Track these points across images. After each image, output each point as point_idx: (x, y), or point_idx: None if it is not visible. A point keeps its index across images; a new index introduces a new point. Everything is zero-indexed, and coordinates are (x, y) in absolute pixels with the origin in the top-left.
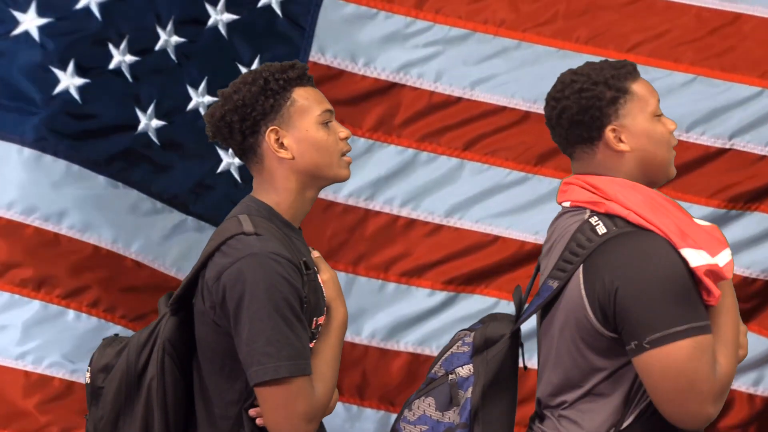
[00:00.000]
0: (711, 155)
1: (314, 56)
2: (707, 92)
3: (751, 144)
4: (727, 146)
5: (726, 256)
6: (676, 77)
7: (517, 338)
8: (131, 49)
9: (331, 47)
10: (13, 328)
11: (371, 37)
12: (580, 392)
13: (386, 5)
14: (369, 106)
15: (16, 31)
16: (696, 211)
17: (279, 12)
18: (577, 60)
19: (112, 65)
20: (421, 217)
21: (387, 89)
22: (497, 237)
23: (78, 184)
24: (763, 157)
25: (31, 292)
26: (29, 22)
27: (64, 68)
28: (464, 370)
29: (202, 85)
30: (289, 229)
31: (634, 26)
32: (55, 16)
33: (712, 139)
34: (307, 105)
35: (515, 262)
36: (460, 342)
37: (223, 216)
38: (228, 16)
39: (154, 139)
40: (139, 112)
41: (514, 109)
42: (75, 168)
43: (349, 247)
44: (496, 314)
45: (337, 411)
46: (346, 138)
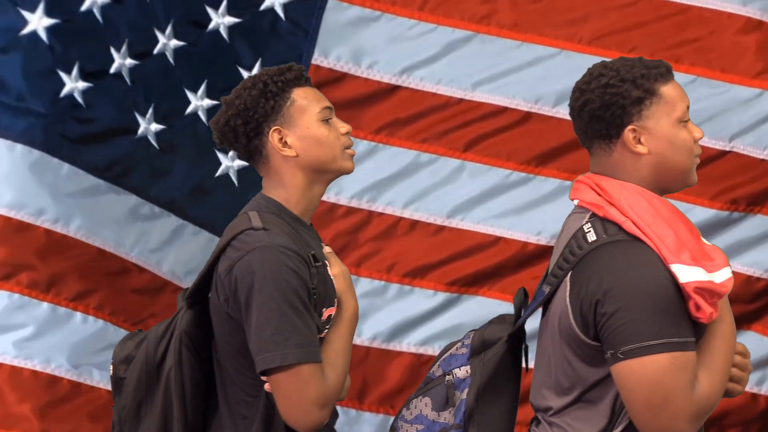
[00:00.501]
0: (712, 157)
1: (317, 59)
2: (708, 93)
3: (750, 147)
4: (727, 148)
5: (724, 274)
6: (679, 78)
7: (518, 340)
8: (131, 53)
9: (333, 50)
10: (23, 329)
11: (374, 40)
12: (568, 399)
13: (390, 7)
14: (372, 109)
15: (25, 31)
16: (698, 213)
17: (282, 15)
18: (578, 60)
19: (112, 69)
20: (424, 219)
21: (389, 91)
22: (499, 238)
23: (82, 187)
24: (762, 161)
25: (40, 294)
26: (37, 22)
27: (69, 71)
28: (461, 372)
29: (202, 88)
30: (299, 224)
31: (637, 27)
32: (62, 18)
33: (713, 141)
34: (307, 104)
35: (518, 263)
36: (459, 343)
37: (220, 220)
38: (229, 19)
39: (153, 142)
40: (138, 116)
41: (515, 110)
42: (79, 172)
43: (351, 249)
44: (505, 315)
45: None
46: (347, 133)
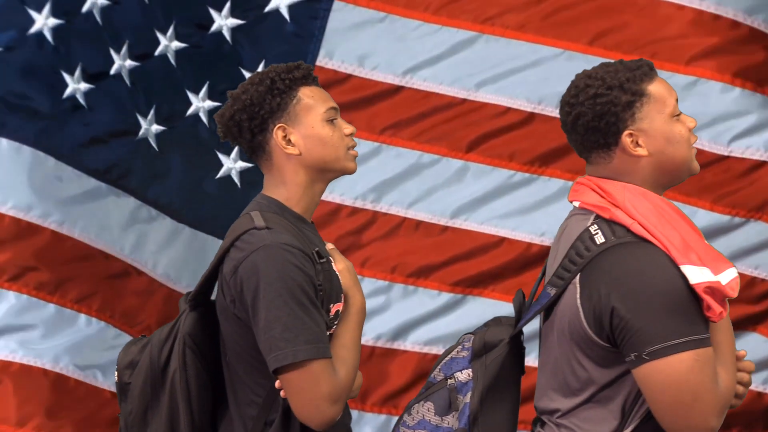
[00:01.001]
0: (713, 161)
1: (321, 60)
2: (710, 95)
3: (750, 149)
4: (725, 153)
5: (730, 274)
6: (678, 79)
7: (518, 343)
8: (131, 55)
9: (338, 51)
10: (32, 329)
11: (378, 41)
12: (577, 401)
13: (394, 8)
14: (376, 109)
15: (32, 30)
16: (702, 216)
17: (287, 16)
18: (581, 61)
19: (112, 70)
20: (428, 219)
21: (393, 92)
22: (503, 238)
23: (84, 190)
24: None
25: (47, 295)
26: (42, 21)
27: (72, 72)
28: (463, 375)
29: (204, 89)
30: (301, 222)
31: (640, 28)
32: (66, 19)
33: (714, 144)
34: (313, 103)
35: (522, 264)
36: (460, 347)
37: (222, 222)
38: (233, 20)
39: (154, 144)
40: (139, 118)
41: (518, 111)
42: (81, 174)
43: (356, 249)
44: (501, 318)
45: None
46: (351, 134)
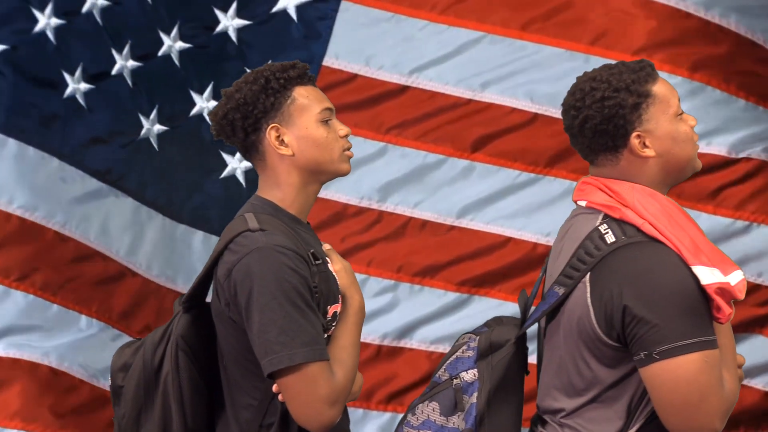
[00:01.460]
0: (719, 165)
1: (328, 61)
2: (711, 99)
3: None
4: (733, 155)
5: (738, 275)
6: (674, 80)
7: (523, 343)
8: (133, 55)
9: (345, 51)
10: (38, 329)
11: (385, 41)
12: (582, 400)
13: (401, 8)
14: (382, 109)
15: (36, 30)
16: (705, 220)
17: (294, 17)
18: (581, 61)
19: (114, 71)
20: (434, 219)
21: (399, 92)
22: (509, 238)
23: (86, 191)
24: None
25: (50, 296)
26: (45, 21)
27: (73, 72)
28: (469, 375)
29: (208, 90)
30: (295, 223)
31: (643, 31)
32: (67, 19)
33: (718, 148)
34: (307, 103)
35: (528, 264)
36: (465, 346)
37: (225, 223)
38: (239, 21)
39: (155, 144)
40: (141, 118)
41: (523, 111)
42: (84, 175)
43: (362, 248)
44: (501, 317)
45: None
46: (345, 135)
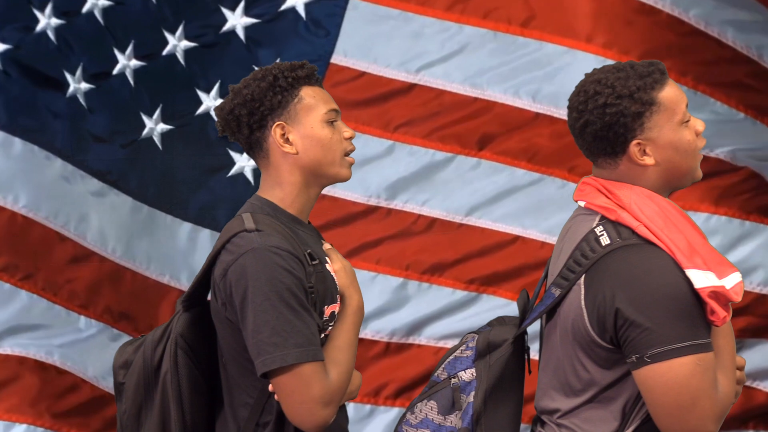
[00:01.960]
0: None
1: (336, 58)
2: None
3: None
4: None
5: (735, 278)
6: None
7: (522, 343)
8: (136, 54)
9: (353, 49)
10: (41, 328)
11: (393, 39)
12: (578, 401)
13: (408, 6)
14: (390, 107)
15: (37, 29)
16: (713, 223)
17: (303, 15)
18: (591, 61)
19: (116, 70)
20: (442, 216)
21: (407, 90)
22: (517, 237)
23: (87, 190)
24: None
25: (52, 296)
26: (46, 21)
27: (74, 72)
28: (467, 374)
29: (215, 88)
30: (295, 223)
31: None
32: (66, 19)
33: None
34: (314, 103)
35: (536, 263)
36: (464, 346)
37: (228, 221)
38: (247, 19)
39: (158, 143)
40: (144, 117)
41: (529, 110)
42: (85, 175)
43: (371, 246)
44: (504, 317)
45: (348, 410)
46: (350, 138)
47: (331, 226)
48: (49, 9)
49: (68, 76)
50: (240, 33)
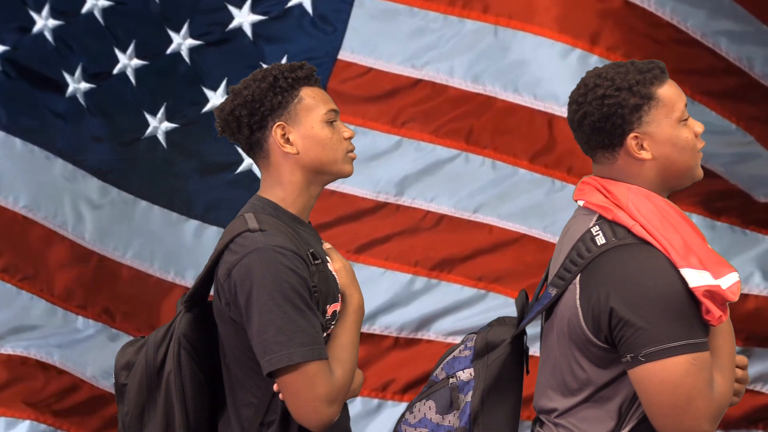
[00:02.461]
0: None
1: (343, 54)
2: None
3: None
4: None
5: (731, 278)
6: None
7: (520, 343)
8: (139, 54)
9: (360, 45)
10: (40, 328)
11: (399, 34)
12: (575, 400)
13: (415, 1)
14: (397, 103)
15: (33, 31)
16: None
17: (310, 11)
18: (595, 60)
19: (116, 70)
20: (450, 213)
21: (413, 85)
22: (523, 235)
23: (88, 190)
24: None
25: (51, 297)
26: (43, 23)
27: (72, 73)
28: (465, 374)
29: (222, 86)
30: (296, 222)
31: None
32: (65, 20)
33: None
34: (314, 103)
35: (543, 262)
36: (462, 346)
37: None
38: (254, 17)
39: (163, 142)
40: (147, 116)
41: (534, 109)
42: (86, 174)
43: (380, 242)
44: (505, 318)
45: (356, 404)
46: (349, 138)
47: (340, 222)
48: (45, 10)
49: (67, 77)
50: (247, 30)
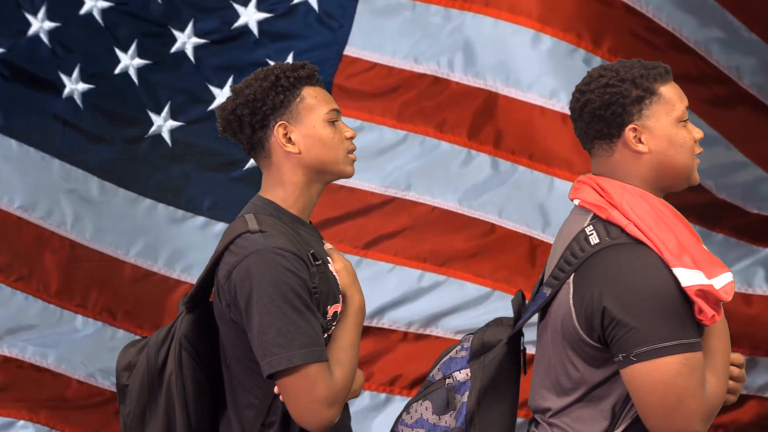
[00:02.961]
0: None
1: (349, 50)
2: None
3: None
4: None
5: (725, 278)
6: None
7: (517, 343)
8: (141, 54)
9: (365, 40)
10: (35, 329)
11: (404, 29)
12: (569, 400)
13: None
14: (403, 98)
15: (29, 33)
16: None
17: (316, 7)
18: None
19: (117, 70)
20: (456, 209)
21: (416, 79)
22: (530, 238)
23: (86, 189)
24: None
25: (47, 296)
26: (39, 25)
27: (70, 74)
28: (461, 375)
29: (228, 84)
30: (297, 223)
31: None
32: (62, 21)
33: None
34: (316, 103)
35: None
36: (459, 346)
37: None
38: (259, 14)
39: (168, 140)
40: (151, 114)
41: (540, 107)
42: (87, 174)
43: (389, 237)
44: (501, 318)
45: (363, 398)
46: (351, 138)
47: (348, 218)
48: (42, 13)
49: (64, 78)
50: (253, 28)
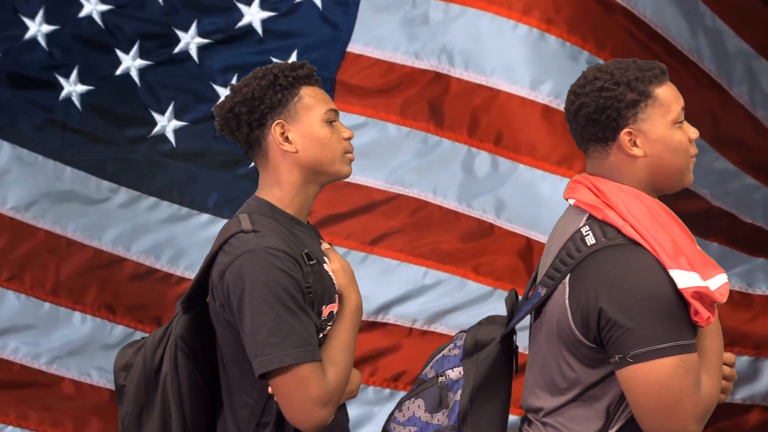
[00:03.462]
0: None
1: (352, 47)
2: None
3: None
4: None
5: (720, 279)
6: None
7: (510, 341)
8: (143, 54)
9: (369, 37)
10: (31, 329)
11: (407, 26)
12: (564, 399)
13: None
14: (406, 94)
15: (26, 37)
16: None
17: (319, 5)
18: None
19: (119, 71)
20: (459, 208)
21: (417, 75)
22: (529, 239)
23: (87, 190)
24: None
25: (42, 294)
26: (36, 28)
27: (68, 76)
28: (454, 373)
29: (233, 82)
30: (293, 223)
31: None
32: (61, 24)
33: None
34: (314, 102)
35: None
36: (452, 344)
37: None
38: (263, 13)
39: (172, 140)
40: (154, 114)
41: (541, 104)
42: (87, 174)
43: (394, 233)
44: (494, 316)
45: (367, 394)
46: (348, 138)
47: (354, 214)
48: (39, 16)
49: (62, 80)
50: (257, 27)
